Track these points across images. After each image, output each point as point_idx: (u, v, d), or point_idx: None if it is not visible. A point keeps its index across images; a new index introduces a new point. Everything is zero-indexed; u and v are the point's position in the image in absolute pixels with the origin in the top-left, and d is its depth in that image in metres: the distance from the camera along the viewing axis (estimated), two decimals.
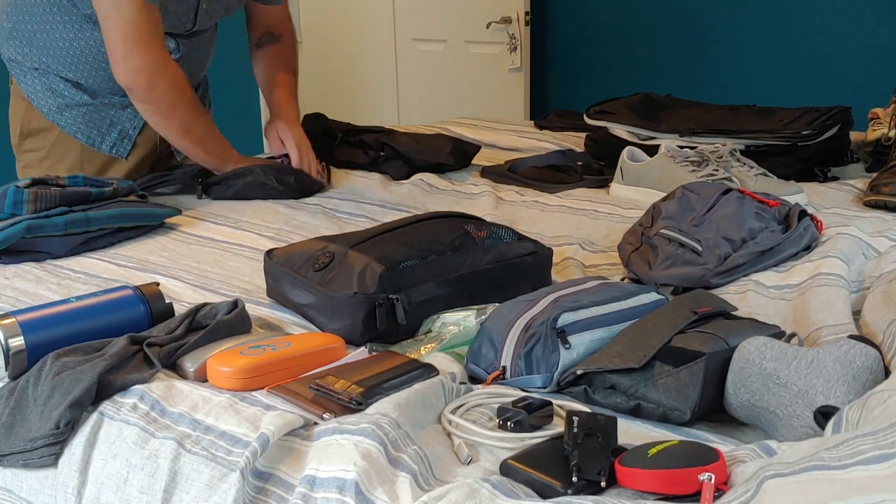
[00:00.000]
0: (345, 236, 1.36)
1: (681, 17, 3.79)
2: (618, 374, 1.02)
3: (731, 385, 0.99)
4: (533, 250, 1.35)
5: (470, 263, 1.28)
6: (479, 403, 1.03)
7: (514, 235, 1.36)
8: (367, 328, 1.20)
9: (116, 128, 2.00)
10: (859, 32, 3.40)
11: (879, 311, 1.16)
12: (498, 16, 3.87)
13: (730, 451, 0.89)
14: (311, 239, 1.41)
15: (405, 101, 4.38)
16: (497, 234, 1.34)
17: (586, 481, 0.85)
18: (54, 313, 1.18)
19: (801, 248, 1.46)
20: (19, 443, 1.04)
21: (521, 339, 1.09)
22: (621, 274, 1.46)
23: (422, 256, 1.25)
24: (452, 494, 0.83)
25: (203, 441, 0.98)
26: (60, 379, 1.06)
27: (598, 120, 2.21)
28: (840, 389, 0.94)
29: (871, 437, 0.75)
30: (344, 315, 1.21)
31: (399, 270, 1.22)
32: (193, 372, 1.12)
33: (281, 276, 1.32)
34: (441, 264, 1.26)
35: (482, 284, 1.28)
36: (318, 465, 0.90)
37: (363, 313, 1.19)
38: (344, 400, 1.00)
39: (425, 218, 1.39)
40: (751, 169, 1.83)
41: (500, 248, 1.32)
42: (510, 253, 1.32)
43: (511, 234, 1.36)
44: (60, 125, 1.98)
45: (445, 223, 1.37)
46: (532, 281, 1.32)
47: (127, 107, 1.97)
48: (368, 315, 1.20)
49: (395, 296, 1.20)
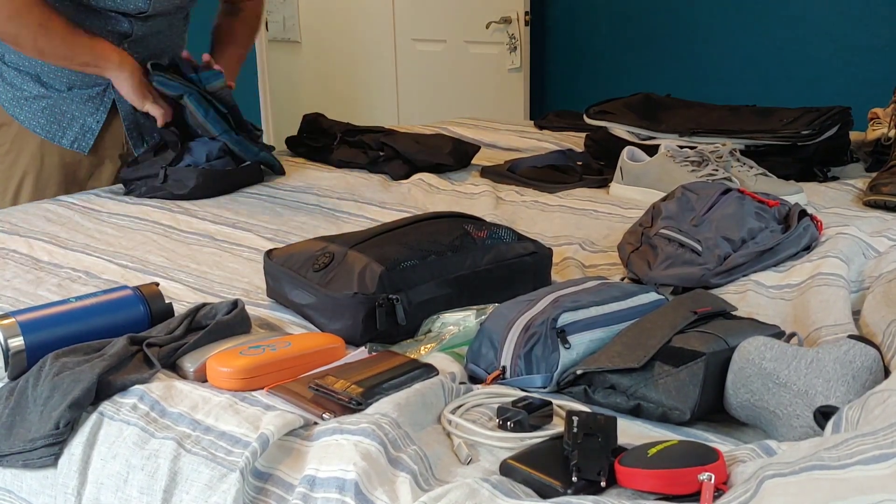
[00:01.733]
0: (344, 236, 1.36)
1: (680, 17, 3.80)
2: (618, 374, 1.02)
3: (730, 385, 0.99)
4: (533, 250, 1.35)
5: (470, 264, 1.28)
6: (479, 403, 1.03)
7: (513, 235, 1.36)
8: (367, 328, 1.20)
9: (77, 122, 1.99)
10: (859, 32, 3.40)
11: (879, 310, 1.16)
12: (498, 16, 3.88)
13: (729, 451, 0.89)
14: (311, 239, 1.41)
15: (405, 101, 4.38)
16: (497, 235, 1.34)
17: (586, 481, 0.85)
18: (54, 314, 1.18)
19: (801, 248, 1.45)
20: (19, 443, 1.04)
21: (520, 339, 1.09)
22: (621, 274, 1.46)
23: (422, 257, 1.25)
24: (452, 494, 0.83)
25: (203, 441, 0.98)
26: (60, 379, 1.06)
27: (597, 120, 2.21)
28: (840, 389, 0.94)
29: (871, 437, 0.75)
30: (344, 315, 1.21)
31: (399, 270, 1.22)
32: (193, 372, 1.12)
33: (281, 277, 1.32)
34: (441, 264, 1.26)
35: (482, 284, 1.28)
36: (317, 465, 0.90)
37: (363, 313, 1.19)
38: (344, 400, 1.00)
39: (425, 218, 1.39)
40: (750, 169, 1.83)
41: (500, 248, 1.32)
42: (510, 253, 1.32)
43: (511, 234, 1.36)
44: (19, 119, 1.97)
45: (445, 223, 1.36)
46: (532, 281, 1.32)
47: (88, 100, 1.97)
48: (368, 315, 1.19)
49: (395, 296, 1.20)
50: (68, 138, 2.00)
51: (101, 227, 1.75)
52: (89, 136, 2.01)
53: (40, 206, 1.88)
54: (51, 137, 1.99)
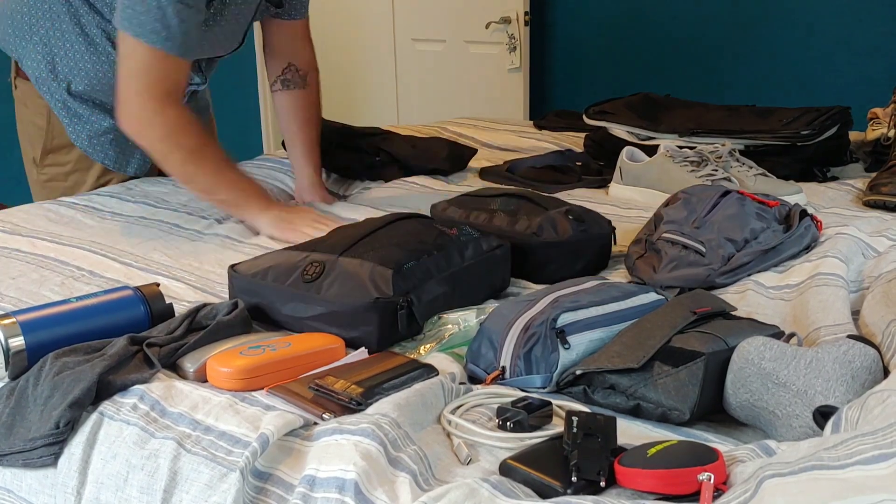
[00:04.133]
0: (321, 244, 1.31)
1: (680, 17, 3.79)
2: (617, 374, 1.03)
3: (730, 385, 0.99)
4: (499, 244, 1.38)
5: (457, 260, 1.30)
6: (479, 403, 1.03)
7: (475, 230, 1.39)
8: (388, 333, 1.19)
9: (139, 151, 1.96)
10: (859, 32, 3.40)
11: (878, 310, 1.16)
12: (497, 16, 3.87)
13: (729, 451, 0.90)
14: (277, 251, 1.35)
15: (404, 101, 4.38)
16: (465, 231, 1.37)
17: (586, 481, 0.85)
18: (54, 313, 1.18)
19: (802, 247, 1.46)
20: (19, 442, 1.04)
21: (520, 339, 1.09)
22: None
23: (416, 257, 1.26)
24: (452, 494, 0.83)
25: (203, 441, 0.98)
26: (60, 379, 1.06)
27: (597, 120, 2.21)
28: (839, 389, 0.94)
29: (871, 437, 0.75)
30: (364, 322, 1.18)
31: (406, 272, 1.22)
32: (193, 372, 1.12)
33: (264, 292, 1.26)
34: (435, 263, 1.27)
35: (469, 280, 1.31)
36: (317, 465, 0.90)
37: (383, 318, 1.18)
38: (344, 400, 1.00)
39: (393, 220, 1.39)
40: (750, 169, 1.83)
41: (473, 243, 1.34)
42: (484, 246, 1.35)
43: (472, 229, 1.39)
44: (88, 152, 1.97)
45: (416, 223, 1.38)
46: (501, 273, 1.37)
47: None
48: (388, 319, 1.18)
49: (411, 297, 1.20)
50: (132, 167, 2.02)
51: (103, 224, 1.75)
52: (149, 162, 2.02)
53: (41, 206, 1.88)
54: (117, 168, 2.01)
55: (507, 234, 1.45)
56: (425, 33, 4.19)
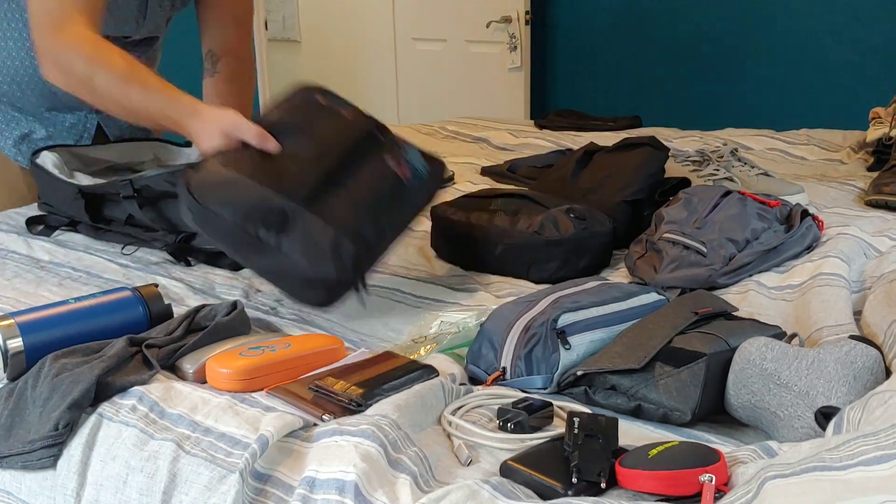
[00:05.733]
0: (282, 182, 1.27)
1: (680, 17, 3.80)
2: (618, 375, 1.02)
3: (731, 386, 0.99)
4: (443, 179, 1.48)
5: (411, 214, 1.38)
6: (480, 404, 1.03)
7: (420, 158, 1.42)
8: (333, 300, 1.28)
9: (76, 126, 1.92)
10: (860, 33, 3.40)
11: (880, 311, 1.16)
12: (498, 15, 3.88)
13: (731, 452, 0.89)
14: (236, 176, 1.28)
15: (405, 100, 4.38)
16: (414, 168, 1.40)
17: (587, 482, 0.85)
18: (53, 315, 1.18)
19: (804, 247, 1.45)
20: (18, 444, 1.04)
21: (520, 339, 1.09)
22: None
23: (375, 218, 1.30)
24: (452, 496, 0.82)
25: (202, 442, 0.98)
26: (59, 380, 1.06)
27: None
28: (841, 390, 0.94)
29: (873, 438, 0.74)
30: (313, 287, 1.26)
31: (363, 243, 1.27)
32: (192, 373, 1.11)
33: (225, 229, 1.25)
34: (391, 222, 1.34)
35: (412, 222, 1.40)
36: (317, 466, 0.90)
37: (335, 287, 1.26)
38: (343, 401, 1.00)
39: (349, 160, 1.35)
40: (752, 168, 1.83)
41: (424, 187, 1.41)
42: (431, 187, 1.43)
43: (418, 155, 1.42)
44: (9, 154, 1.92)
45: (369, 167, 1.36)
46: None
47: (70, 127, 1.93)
48: (339, 289, 1.26)
49: (364, 274, 1.28)
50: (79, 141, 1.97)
51: None
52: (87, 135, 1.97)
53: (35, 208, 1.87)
54: None
55: (509, 233, 1.45)
56: (426, 33, 4.19)
